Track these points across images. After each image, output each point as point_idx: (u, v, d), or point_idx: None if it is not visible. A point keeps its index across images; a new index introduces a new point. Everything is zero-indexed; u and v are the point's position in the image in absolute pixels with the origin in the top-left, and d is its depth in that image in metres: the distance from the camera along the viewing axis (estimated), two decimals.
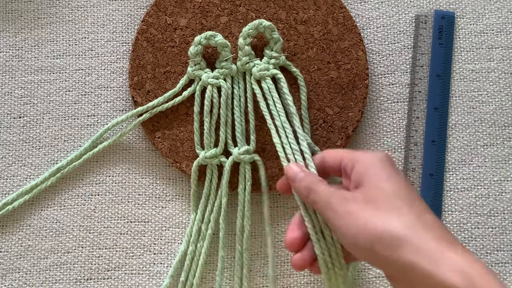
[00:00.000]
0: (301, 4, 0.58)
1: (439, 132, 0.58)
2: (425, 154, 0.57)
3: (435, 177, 0.57)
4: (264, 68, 0.55)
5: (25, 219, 0.56)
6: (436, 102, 0.58)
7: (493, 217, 0.57)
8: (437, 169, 0.57)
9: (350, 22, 0.58)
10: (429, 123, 0.58)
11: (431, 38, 0.59)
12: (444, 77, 0.58)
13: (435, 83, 0.58)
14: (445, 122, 0.58)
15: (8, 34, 0.60)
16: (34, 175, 0.57)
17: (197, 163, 0.55)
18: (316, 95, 0.57)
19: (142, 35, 0.57)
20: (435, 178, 0.57)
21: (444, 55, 0.59)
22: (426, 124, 0.58)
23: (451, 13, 0.59)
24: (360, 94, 0.57)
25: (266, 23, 0.55)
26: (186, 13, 0.58)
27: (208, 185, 0.55)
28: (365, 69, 0.57)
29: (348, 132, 0.57)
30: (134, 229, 0.56)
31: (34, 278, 0.55)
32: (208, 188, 0.55)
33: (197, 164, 0.55)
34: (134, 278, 0.56)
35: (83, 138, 0.58)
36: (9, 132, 0.58)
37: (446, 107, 0.58)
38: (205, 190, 0.55)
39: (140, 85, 0.57)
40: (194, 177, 0.55)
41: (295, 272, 0.55)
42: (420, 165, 0.57)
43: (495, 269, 0.56)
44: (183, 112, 0.57)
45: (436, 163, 0.57)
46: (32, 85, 0.59)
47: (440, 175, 0.57)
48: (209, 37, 0.55)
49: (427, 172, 0.57)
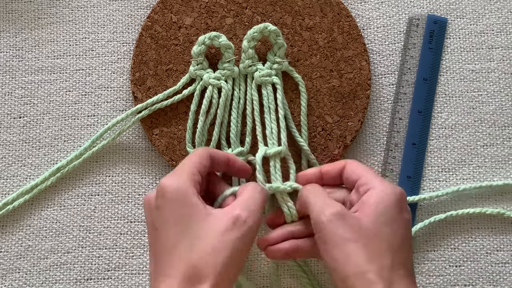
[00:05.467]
0: (308, 10, 0.58)
1: (420, 135, 0.58)
2: (405, 156, 0.57)
3: (412, 179, 0.57)
4: (266, 74, 0.55)
5: (25, 219, 0.56)
6: (420, 106, 0.58)
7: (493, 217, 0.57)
8: (415, 171, 0.57)
9: (355, 31, 0.58)
10: (412, 125, 0.58)
11: (421, 42, 0.59)
12: (431, 81, 0.58)
13: (421, 86, 0.58)
14: (428, 125, 0.58)
15: (9, 34, 0.60)
16: (34, 175, 0.57)
17: None
18: (317, 103, 0.57)
19: (146, 32, 0.58)
20: (412, 181, 0.57)
21: (432, 59, 0.59)
22: (409, 126, 0.58)
23: (443, 18, 0.60)
24: (361, 104, 0.57)
25: (272, 27, 0.55)
26: (191, 12, 0.58)
27: None
28: (367, 79, 0.57)
29: (347, 142, 0.56)
30: (134, 229, 0.56)
31: (34, 278, 0.55)
32: None
33: None
34: (134, 278, 0.55)
35: (83, 138, 0.58)
36: (9, 132, 0.58)
37: (429, 111, 0.58)
38: None
39: (142, 81, 0.57)
40: None
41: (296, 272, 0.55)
42: (399, 166, 0.57)
43: (495, 269, 0.56)
44: (182, 110, 0.57)
45: (414, 165, 0.57)
46: (32, 85, 0.59)
47: (417, 177, 0.57)
48: (213, 38, 0.55)
49: (405, 174, 0.57)
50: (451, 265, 0.56)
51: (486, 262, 0.56)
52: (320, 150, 0.56)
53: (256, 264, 0.56)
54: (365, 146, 0.58)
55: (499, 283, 0.55)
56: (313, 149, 0.56)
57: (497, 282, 0.55)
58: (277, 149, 0.54)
